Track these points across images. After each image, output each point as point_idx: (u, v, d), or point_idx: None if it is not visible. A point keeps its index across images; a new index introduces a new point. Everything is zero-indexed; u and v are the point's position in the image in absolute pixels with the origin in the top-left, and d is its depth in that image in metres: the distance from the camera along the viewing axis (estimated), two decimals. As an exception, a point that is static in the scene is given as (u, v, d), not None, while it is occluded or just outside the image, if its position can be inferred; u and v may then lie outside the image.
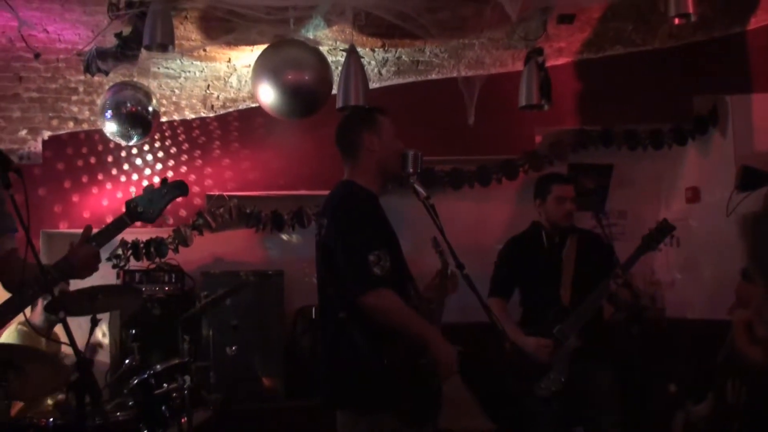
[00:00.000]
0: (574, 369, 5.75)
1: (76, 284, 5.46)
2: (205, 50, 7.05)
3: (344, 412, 4.19)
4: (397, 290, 4.10)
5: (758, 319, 3.65)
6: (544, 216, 6.12)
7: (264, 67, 6.65)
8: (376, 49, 7.35)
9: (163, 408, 5.62)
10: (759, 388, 4.10)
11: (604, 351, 5.93)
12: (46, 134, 7.50)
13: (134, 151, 7.66)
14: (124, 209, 4.35)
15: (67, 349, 6.25)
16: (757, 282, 3.36)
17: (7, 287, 4.03)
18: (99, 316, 5.43)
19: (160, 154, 7.74)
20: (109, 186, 7.61)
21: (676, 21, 6.13)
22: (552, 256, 6.06)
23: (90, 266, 4.20)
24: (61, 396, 5.92)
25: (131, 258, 7.26)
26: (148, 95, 7.00)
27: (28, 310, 5.05)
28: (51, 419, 5.25)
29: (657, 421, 6.79)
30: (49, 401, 6.02)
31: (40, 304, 6.08)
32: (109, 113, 6.84)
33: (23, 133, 7.41)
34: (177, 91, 7.55)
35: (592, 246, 6.09)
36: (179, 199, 7.34)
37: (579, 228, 6.18)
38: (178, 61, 7.18)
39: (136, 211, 4.34)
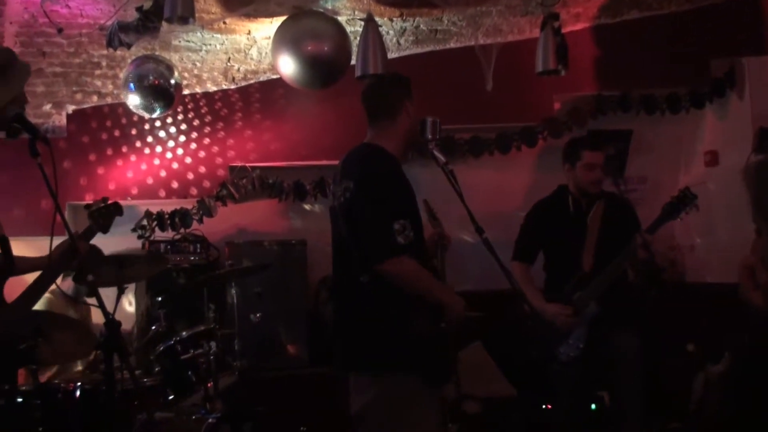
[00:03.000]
0: (595, 334, 5.77)
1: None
2: (225, 22, 7.11)
3: (363, 374, 4.22)
4: (416, 257, 4.14)
5: (761, 266, 3.70)
6: (572, 181, 6.08)
7: (283, 38, 6.70)
8: (395, 19, 7.38)
9: (189, 373, 5.70)
10: (760, 334, 4.15)
11: (627, 316, 5.93)
12: (70, 108, 7.57)
13: (157, 123, 7.75)
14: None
15: (98, 318, 6.37)
16: (764, 231, 3.41)
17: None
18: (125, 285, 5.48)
19: (183, 127, 7.82)
20: (133, 158, 7.71)
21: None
22: (577, 221, 6.04)
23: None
24: (90, 358, 6.03)
25: (156, 229, 7.35)
26: (170, 68, 7.09)
27: (58, 279, 5.19)
28: (78, 383, 5.36)
29: (678, 382, 6.86)
30: (79, 366, 6.13)
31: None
32: (132, 86, 6.94)
33: (47, 107, 7.49)
34: (198, 64, 7.61)
35: (618, 211, 6.04)
36: (203, 170, 7.52)
37: (607, 192, 6.15)
38: (199, 34, 7.24)
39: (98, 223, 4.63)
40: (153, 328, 6.14)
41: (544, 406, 6.17)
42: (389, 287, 4.07)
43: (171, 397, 5.62)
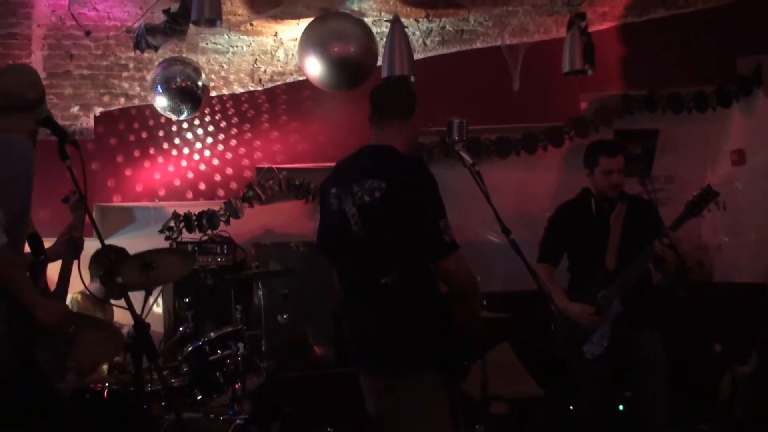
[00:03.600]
0: (619, 334, 5.76)
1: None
2: (251, 24, 7.15)
3: (389, 374, 4.16)
4: None
5: None
6: (593, 185, 6.11)
7: (310, 39, 6.72)
8: (420, 20, 7.39)
9: (217, 374, 5.74)
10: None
11: (651, 315, 5.93)
12: (98, 110, 7.62)
13: (185, 125, 7.78)
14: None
15: (122, 319, 6.42)
16: None
17: None
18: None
19: (210, 128, 7.85)
20: (160, 160, 7.74)
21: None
22: (600, 222, 6.04)
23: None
24: (117, 359, 6.07)
25: (184, 230, 7.38)
26: (197, 70, 7.12)
27: (86, 281, 5.22)
28: (107, 384, 5.40)
29: (705, 382, 6.85)
30: (105, 367, 6.18)
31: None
32: (159, 88, 6.98)
33: (75, 109, 7.55)
34: (225, 66, 7.65)
35: (641, 212, 6.03)
36: (229, 172, 7.55)
37: (629, 194, 6.14)
38: (226, 36, 7.28)
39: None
40: (180, 329, 6.18)
41: (570, 407, 6.15)
42: (412, 288, 4.07)
43: (199, 398, 5.66)
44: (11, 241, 3.86)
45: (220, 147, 7.84)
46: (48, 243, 4.41)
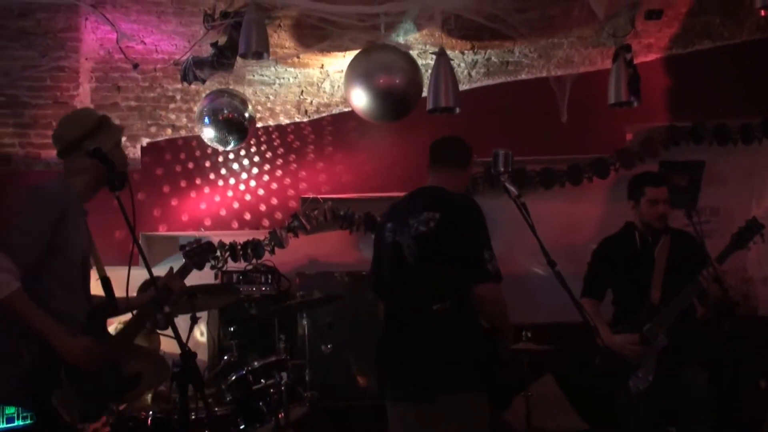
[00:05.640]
0: (664, 368, 5.71)
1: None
2: (298, 57, 7.21)
3: (434, 395, 4.24)
4: None
5: None
6: (637, 217, 6.07)
7: (356, 71, 6.77)
8: (466, 51, 7.43)
9: (261, 403, 5.76)
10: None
11: (696, 349, 5.87)
12: (145, 141, 7.72)
13: (231, 156, 7.85)
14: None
15: (166, 347, 6.46)
16: None
17: None
18: (198, 314, 5.55)
19: (256, 159, 7.91)
20: (206, 190, 7.81)
21: (763, 13, 6.10)
22: (644, 256, 6.00)
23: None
24: (161, 388, 6.11)
25: (229, 259, 7.44)
26: (244, 102, 7.19)
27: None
28: (150, 412, 5.43)
29: (749, 418, 6.75)
30: (149, 395, 6.21)
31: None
32: (206, 120, 7.05)
33: (122, 140, 7.62)
34: (272, 98, 7.72)
35: (685, 246, 6.00)
36: (275, 202, 7.60)
37: (673, 228, 6.12)
38: (273, 68, 7.35)
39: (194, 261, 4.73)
40: (225, 358, 6.21)
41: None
42: (462, 314, 4.22)
43: (242, 427, 5.69)
44: (43, 286, 4.03)
45: (266, 177, 7.90)
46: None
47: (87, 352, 4.03)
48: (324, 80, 7.61)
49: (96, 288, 4.36)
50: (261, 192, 7.88)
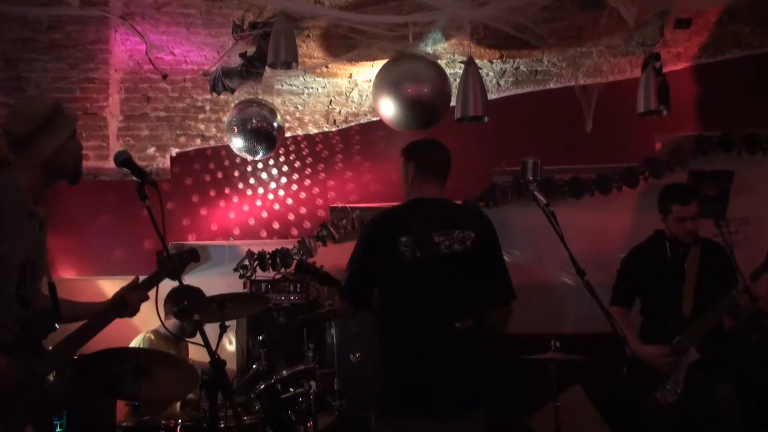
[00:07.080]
0: (693, 380, 5.68)
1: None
2: (327, 67, 7.23)
3: (457, 411, 4.30)
4: None
5: None
6: (667, 230, 6.05)
7: (384, 81, 6.77)
8: (494, 61, 7.42)
9: (289, 412, 5.77)
10: None
11: (725, 362, 5.83)
12: (174, 151, 7.78)
13: (259, 165, 7.89)
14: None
15: (195, 356, 6.47)
16: None
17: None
18: (227, 323, 5.57)
19: (285, 168, 7.95)
20: (235, 199, 7.85)
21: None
22: (675, 266, 5.96)
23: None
24: (191, 396, 6.12)
25: (258, 268, 7.46)
26: (272, 111, 7.21)
27: (162, 318, 5.18)
28: (179, 420, 5.44)
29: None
30: (178, 403, 6.23)
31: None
32: (235, 129, 7.07)
33: (152, 150, 7.70)
34: (300, 107, 7.75)
35: (716, 257, 5.96)
36: (303, 211, 7.61)
37: (703, 238, 6.08)
38: (301, 78, 7.37)
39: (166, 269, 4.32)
40: (254, 366, 6.21)
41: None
42: (482, 332, 4.35)
43: (271, 436, 5.68)
44: None
45: (295, 187, 7.93)
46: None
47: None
48: (352, 90, 7.63)
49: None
50: (290, 201, 7.91)
